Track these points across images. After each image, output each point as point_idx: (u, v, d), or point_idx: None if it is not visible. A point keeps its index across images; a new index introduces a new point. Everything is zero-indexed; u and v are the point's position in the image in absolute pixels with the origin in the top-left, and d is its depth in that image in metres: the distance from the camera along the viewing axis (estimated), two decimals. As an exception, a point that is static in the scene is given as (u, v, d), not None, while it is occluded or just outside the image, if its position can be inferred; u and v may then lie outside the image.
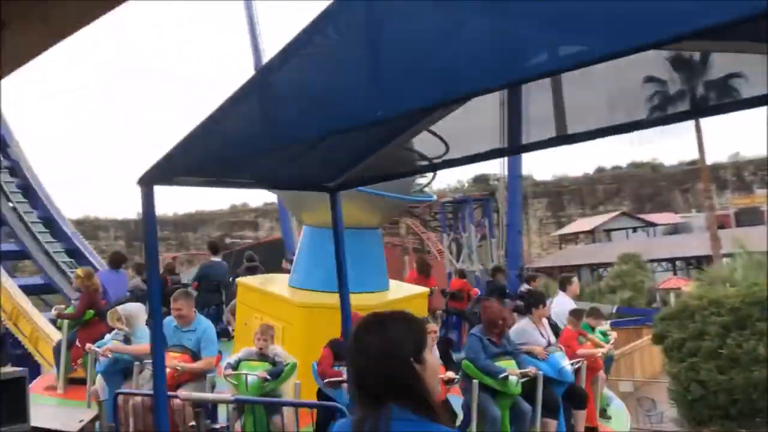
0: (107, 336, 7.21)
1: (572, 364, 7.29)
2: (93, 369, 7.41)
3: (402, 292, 9.26)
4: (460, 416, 6.73)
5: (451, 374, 6.37)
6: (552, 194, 75.97)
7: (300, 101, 2.05)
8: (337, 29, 1.93)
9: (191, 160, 2.60)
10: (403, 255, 51.37)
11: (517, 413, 6.53)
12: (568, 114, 2.61)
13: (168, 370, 5.35)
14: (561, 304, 8.97)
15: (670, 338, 15.67)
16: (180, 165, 2.59)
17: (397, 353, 1.74)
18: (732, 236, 33.27)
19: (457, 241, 45.32)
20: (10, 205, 31.77)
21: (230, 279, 11.63)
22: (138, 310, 7.11)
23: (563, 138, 2.56)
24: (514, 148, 3.36)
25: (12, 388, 5.44)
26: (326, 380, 5.91)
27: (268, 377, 5.89)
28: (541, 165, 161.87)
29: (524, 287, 12.71)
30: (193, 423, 5.51)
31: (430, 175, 9.76)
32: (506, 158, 28.77)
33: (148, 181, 2.61)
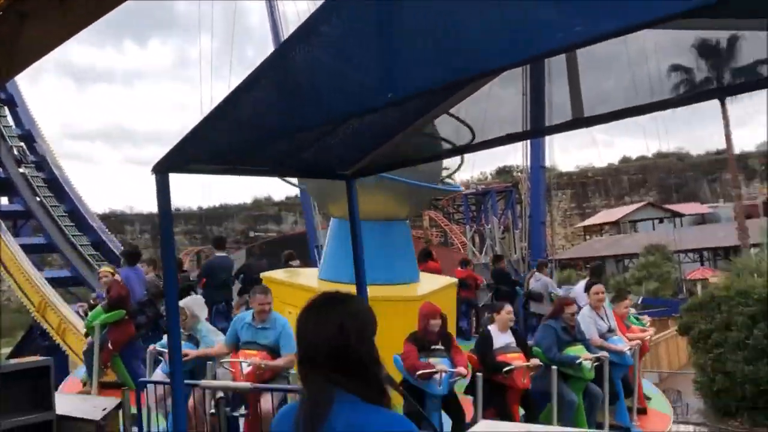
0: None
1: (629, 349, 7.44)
2: (152, 369, 7.18)
3: (432, 284, 8.97)
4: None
5: (536, 361, 6.43)
6: (576, 185, 75.15)
7: (314, 85, 2.02)
8: (348, 12, 1.91)
9: (205, 147, 2.59)
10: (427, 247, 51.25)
11: (590, 397, 6.85)
12: (590, 101, 2.57)
13: (249, 367, 5.72)
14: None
15: (696, 329, 15.51)
16: (194, 152, 2.57)
17: (354, 332, 1.74)
18: (760, 226, 32.72)
19: (480, 233, 45.10)
20: (38, 199, 32.37)
21: (238, 274, 11.33)
22: (200, 305, 7.04)
23: (582, 120, 2.52)
24: (534, 130, 3.34)
25: (37, 377, 5.48)
26: (419, 373, 5.90)
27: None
28: (566, 156, 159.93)
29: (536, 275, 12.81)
30: (213, 411, 5.54)
31: (456, 163, 9.71)
32: (529, 149, 28.61)
33: (162, 169, 2.60)
